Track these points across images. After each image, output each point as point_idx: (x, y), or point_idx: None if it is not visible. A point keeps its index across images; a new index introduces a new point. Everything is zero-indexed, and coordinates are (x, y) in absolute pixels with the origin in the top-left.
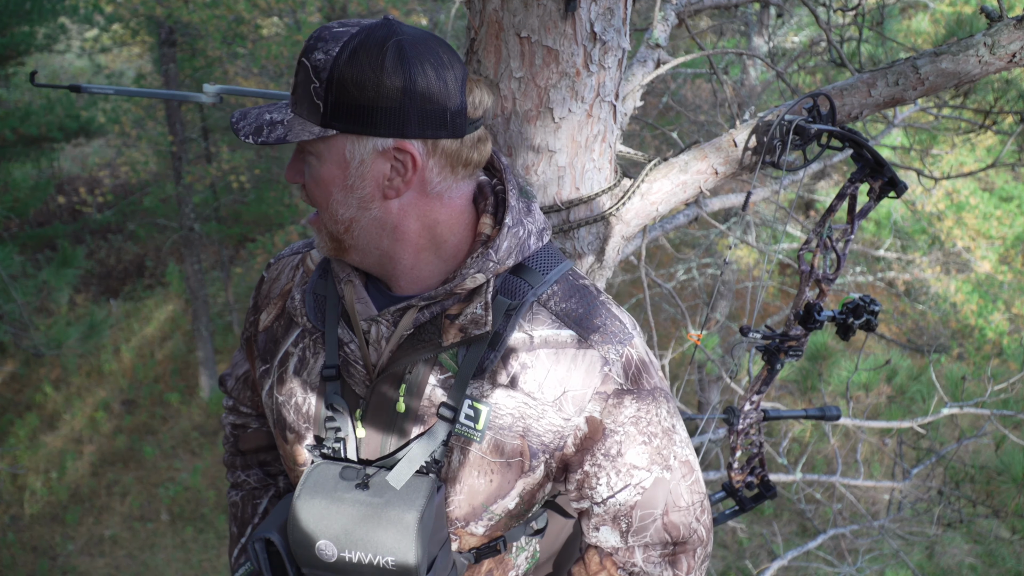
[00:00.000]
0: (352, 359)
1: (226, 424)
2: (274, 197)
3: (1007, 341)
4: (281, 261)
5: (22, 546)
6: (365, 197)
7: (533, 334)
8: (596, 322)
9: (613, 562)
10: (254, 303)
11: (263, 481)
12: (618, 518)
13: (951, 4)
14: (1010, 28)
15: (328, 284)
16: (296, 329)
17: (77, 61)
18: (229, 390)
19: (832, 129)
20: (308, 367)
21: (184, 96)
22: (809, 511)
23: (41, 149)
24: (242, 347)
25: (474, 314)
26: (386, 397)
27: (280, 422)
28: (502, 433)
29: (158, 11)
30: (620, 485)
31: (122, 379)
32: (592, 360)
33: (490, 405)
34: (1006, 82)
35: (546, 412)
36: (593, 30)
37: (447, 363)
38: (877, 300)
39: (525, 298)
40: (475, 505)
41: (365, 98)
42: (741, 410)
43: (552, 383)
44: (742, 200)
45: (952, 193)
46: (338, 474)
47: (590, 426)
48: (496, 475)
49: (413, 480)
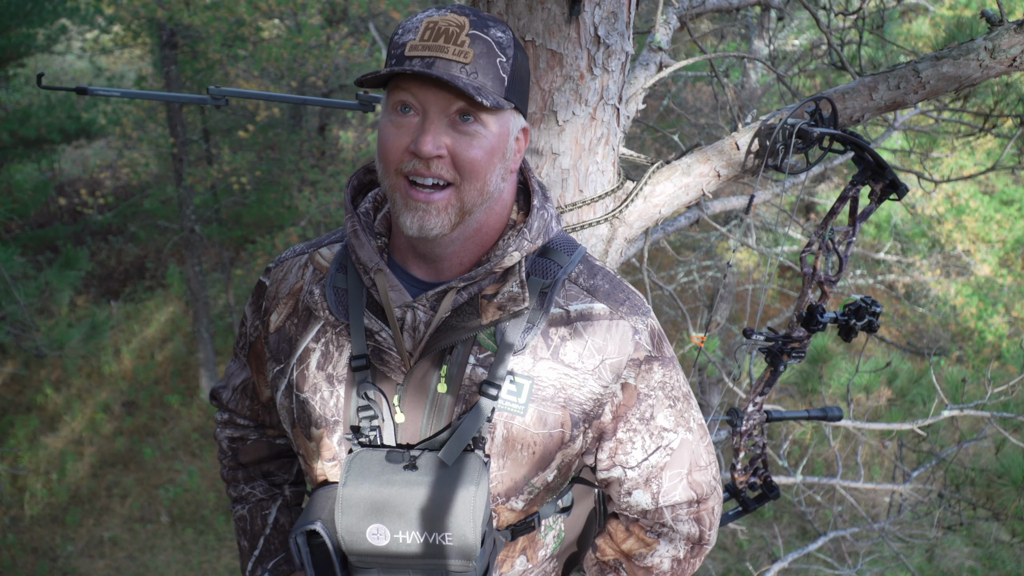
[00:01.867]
0: (385, 347)
1: (222, 439)
2: (275, 199)
3: (1006, 344)
4: (284, 263)
5: (22, 547)
6: (507, 170)
7: (569, 308)
8: (621, 296)
9: (640, 526)
10: (257, 307)
11: (269, 492)
12: (650, 480)
13: (951, 8)
14: (1010, 32)
15: (349, 277)
16: (316, 324)
17: (77, 63)
18: (225, 403)
19: (834, 132)
20: (333, 360)
21: (188, 99)
22: (809, 513)
23: (41, 151)
24: (236, 357)
25: (511, 292)
26: (425, 380)
27: (303, 419)
28: (545, 404)
29: (159, 13)
30: (652, 447)
31: (122, 381)
32: (624, 330)
33: (532, 378)
34: (1006, 85)
35: (587, 381)
36: (597, 34)
37: (485, 342)
38: (878, 302)
39: (557, 276)
40: (517, 479)
41: (526, 81)
42: (744, 412)
43: (590, 352)
44: (744, 203)
45: (952, 196)
46: (383, 458)
47: (625, 392)
48: (539, 447)
49: (463, 457)
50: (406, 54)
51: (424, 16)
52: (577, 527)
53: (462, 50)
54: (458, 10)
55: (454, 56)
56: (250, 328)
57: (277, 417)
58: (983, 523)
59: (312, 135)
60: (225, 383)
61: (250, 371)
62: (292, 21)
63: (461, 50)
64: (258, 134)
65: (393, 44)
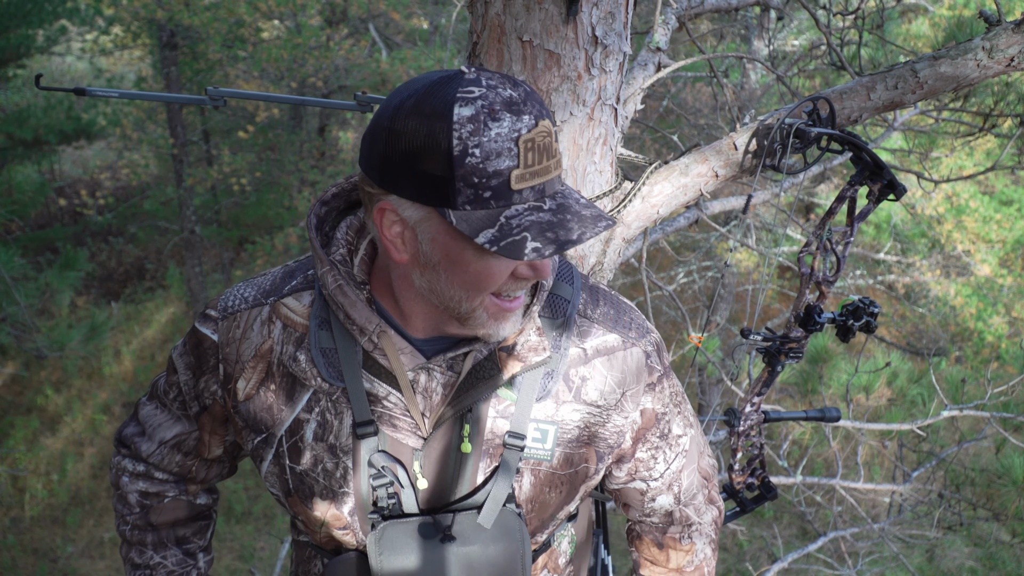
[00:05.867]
0: (395, 412)
1: (130, 492)
2: (274, 200)
3: (1006, 344)
4: (235, 316)
5: (22, 548)
6: None
7: (586, 346)
8: (626, 319)
9: (672, 537)
10: (203, 365)
11: (182, 564)
12: (672, 484)
13: (951, 8)
14: (1008, 32)
15: (336, 335)
16: (305, 393)
17: (77, 64)
18: (144, 455)
19: (832, 132)
20: (333, 430)
21: (186, 99)
22: (809, 514)
23: (41, 152)
24: (165, 408)
25: (529, 342)
26: (446, 441)
27: (303, 491)
28: (571, 446)
29: (159, 14)
30: (672, 456)
31: (122, 382)
32: (638, 357)
33: (557, 423)
34: (1006, 85)
35: (610, 416)
36: (594, 34)
37: (504, 392)
38: (876, 302)
39: (568, 314)
40: (544, 518)
41: None
42: (742, 412)
43: (611, 388)
44: (742, 203)
45: (952, 196)
46: (414, 532)
47: (644, 416)
48: (565, 485)
49: (499, 515)
50: (513, 187)
51: (511, 132)
52: (584, 525)
53: (557, 158)
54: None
55: (555, 169)
56: (202, 390)
57: (215, 472)
58: (983, 523)
59: (312, 136)
60: (143, 431)
61: (194, 427)
62: (292, 22)
63: (556, 159)
64: (258, 135)
65: (477, 171)
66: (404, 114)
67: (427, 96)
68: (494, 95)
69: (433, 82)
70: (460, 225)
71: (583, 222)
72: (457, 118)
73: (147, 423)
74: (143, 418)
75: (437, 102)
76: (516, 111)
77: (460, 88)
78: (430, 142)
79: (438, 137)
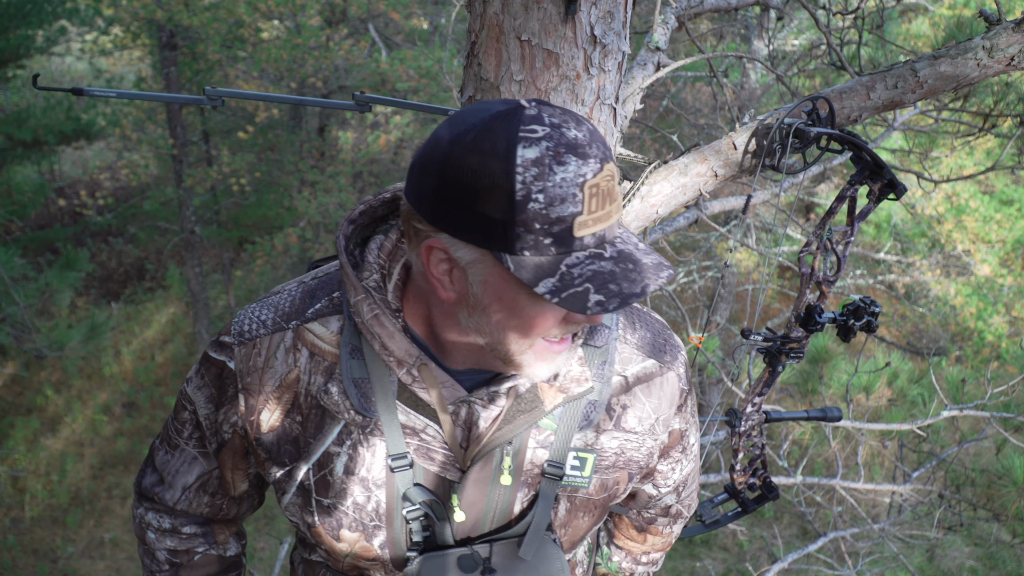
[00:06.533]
0: (433, 444)
1: (159, 549)
2: (274, 200)
3: (1006, 344)
4: (254, 342)
5: (23, 549)
6: None
7: (627, 374)
8: (661, 341)
9: (655, 527)
10: (222, 396)
11: None
12: (679, 486)
13: (951, 7)
14: (1008, 31)
15: (369, 365)
16: (336, 425)
17: (77, 64)
18: (172, 505)
19: (831, 132)
20: (364, 463)
21: (184, 99)
22: (809, 514)
23: (41, 152)
24: (180, 449)
25: (571, 372)
26: (484, 474)
27: (331, 524)
28: (607, 472)
29: (158, 14)
30: (687, 463)
31: (123, 382)
32: (672, 382)
33: (596, 451)
34: (1006, 85)
35: (645, 441)
36: (593, 33)
37: (544, 422)
38: (877, 302)
39: (608, 342)
40: (575, 541)
41: None
42: (743, 412)
43: (647, 414)
44: (742, 203)
45: (952, 196)
46: (453, 565)
47: (671, 437)
48: (598, 509)
49: (539, 545)
50: (575, 234)
51: (576, 177)
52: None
53: (617, 202)
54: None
55: (615, 213)
56: (221, 423)
57: (246, 507)
58: (983, 524)
59: (311, 136)
60: (162, 480)
61: (214, 464)
62: (291, 22)
63: (616, 203)
64: (257, 135)
65: (540, 216)
66: (461, 150)
67: (486, 133)
68: (559, 136)
69: (492, 116)
70: (519, 272)
71: (645, 272)
72: (521, 160)
73: (165, 470)
74: (160, 465)
75: (498, 140)
76: (582, 154)
77: (522, 126)
78: (489, 183)
79: (499, 179)
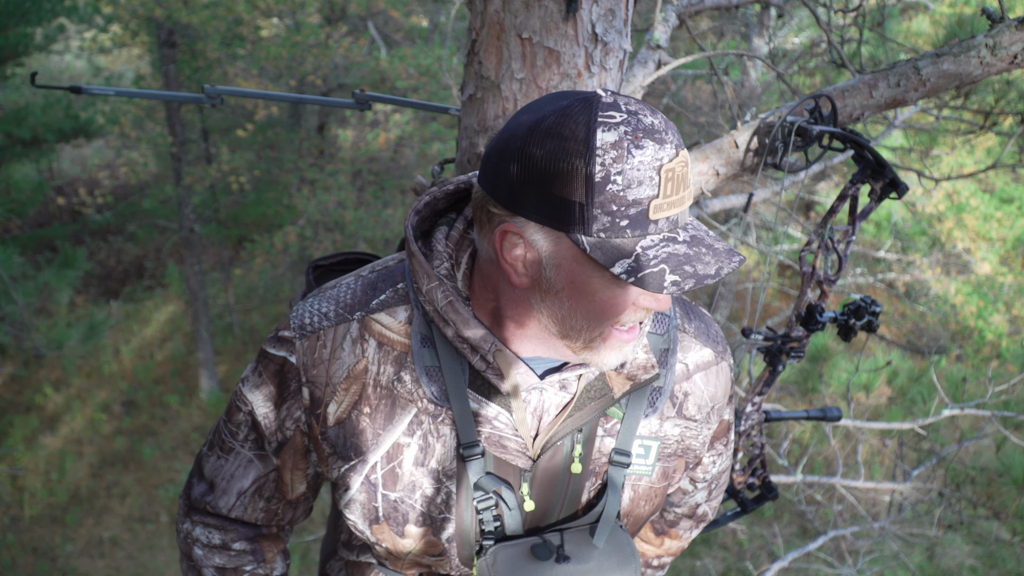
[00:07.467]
0: (504, 432)
1: (206, 567)
2: (273, 198)
3: (1006, 343)
4: (319, 334)
5: (22, 547)
6: None
7: (687, 362)
8: (713, 331)
9: (676, 531)
10: (284, 392)
11: None
12: (712, 483)
13: (952, 5)
14: (1011, 29)
15: (441, 353)
16: (406, 415)
17: (76, 62)
18: (227, 512)
19: (834, 130)
20: (434, 454)
21: (183, 97)
22: (809, 512)
23: (39, 150)
24: (235, 452)
25: (637, 360)
26: (554, 462)
27: (396, 518)
28: (669, 460)
29: (157, 12)
30: (726, 456)
31: (122, 380)
32: (725, 371)
33: (660, 439)
34: (1007, 83)
35: (702, 430)
36: (594, 31)
37: (611, 410)
38: (878, 301)
39: (669, 330)
40: (636, 529)
41: None
42: (743, 411)
43: (705, 402)
44: (743, 201)
45: (952, 194)
46: (527, 554)
47: (720, 426)
48: (658, 497)
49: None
50: (651, 216)
51: (653, 161)
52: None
53: (690, 189)
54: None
55: (688, 200)
56: (284, 419)
57: (300, 511)
58: (984, 522)
59: (311, 134)
60: (213, 487)
61: (271, 467)
62: (291, 20)
63: (689, 190)
64: (257, 133)
65: (618, 198)
66: (540, 135)
67: (565, 118)
68: (636, 121)
69: (570, 103)
70: (594, 253)
71: (718, 256)
72: (600, 143)
73: (216, 477)
74: (210, 473)
75: (577, 125)
76: (659, 139)
77: (600, 112)
78: (569, 166)
79: (578, 162)
